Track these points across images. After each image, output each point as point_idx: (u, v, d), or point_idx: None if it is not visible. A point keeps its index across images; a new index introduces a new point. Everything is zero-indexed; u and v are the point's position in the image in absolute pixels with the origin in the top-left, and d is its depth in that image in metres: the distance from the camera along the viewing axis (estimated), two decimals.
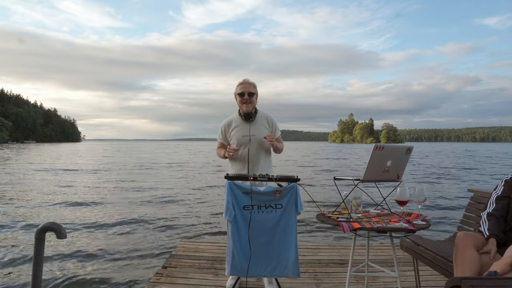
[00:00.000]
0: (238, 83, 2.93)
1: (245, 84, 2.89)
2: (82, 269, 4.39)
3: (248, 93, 2.85)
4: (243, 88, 2.86)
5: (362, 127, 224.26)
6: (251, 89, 2.88)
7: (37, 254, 1.46)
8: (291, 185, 2.55)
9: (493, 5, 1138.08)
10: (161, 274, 3.26)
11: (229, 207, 2.50)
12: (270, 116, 3.01)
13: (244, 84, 2.89)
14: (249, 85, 2.89)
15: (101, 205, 8.96)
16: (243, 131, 2.89)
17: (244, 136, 2.88)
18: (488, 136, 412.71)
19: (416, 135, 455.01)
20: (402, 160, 2.50)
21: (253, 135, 2.87)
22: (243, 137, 2.87)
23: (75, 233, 6.13)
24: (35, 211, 8.08)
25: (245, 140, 2.87)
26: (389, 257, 3.76)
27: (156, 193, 11.23)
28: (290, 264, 2.57)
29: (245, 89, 2.86)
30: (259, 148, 2.89)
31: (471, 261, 1.96)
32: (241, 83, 2.91)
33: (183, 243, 4.29)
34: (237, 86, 2.92)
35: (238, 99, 2.90)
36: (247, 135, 2.87)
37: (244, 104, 2.85)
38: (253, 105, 2.89)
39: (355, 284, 3.10)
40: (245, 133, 2.88)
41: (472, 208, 2.93)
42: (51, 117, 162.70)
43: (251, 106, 2.87)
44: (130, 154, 43.76)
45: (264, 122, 2.95)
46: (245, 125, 2.89)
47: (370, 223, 2.23)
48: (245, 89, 2.86)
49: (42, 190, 11.48)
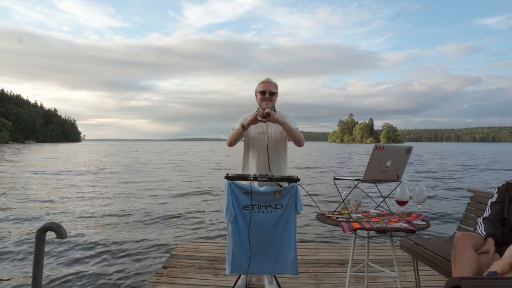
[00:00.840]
0: (261, 81, 2.94)
1: (268, 83, 2.91)
2: (82, 269, 4.39)
3: (269, 92, 2.88)
4: (265, 87, 2.89)
5: (362, 127, 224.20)
6: (272, 88, 2.90)
7: (37, 254, 1.46)
8: (291, 185, 2.55)
9: (493, 5, 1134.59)
10: (161, 274, 3.26)
11: (229, 207, 2.51)
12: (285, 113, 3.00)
13: (266, 83, 2.91)
14: (271, 85, 2.92)
15: (101, 205, 8.96)
16: (260, 128, 2.88)
17: (260, 133, 2.87)
18: (487, 136, 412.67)
19: (416, 135, 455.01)
20: (402, 160, 2.50)
21: (269, 133, 2.87)
22: (260, 134, 2.87)
23: (75, 233, 6.13)
24: (35, 212, 8.07)
25: (262, 137, 2.86)
26: (389, 257, 3.76)
27: (156, 193, 11.23)
28: (290, 262, 2.58)
29: (267, 87, 2.88)
30: (277, 146, 2.89)
31: (469, 261, 1.97)
32: (264, 82, 2.93)
33: (183, 243, 4.29)
34: (259, 84, 2.93)
35: (258, 96, 2.92)
36: (265, 132, 2.86)
37: (264, 101, 2.87)
38: (272, 104, 2.91)
39: (355, 284, 3.10)
40: (263, 131, 2.87)
41: (471, 208, 2.93)
42: (51, 117, 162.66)
43: (270, 104, 2.89)
44: (130, 154, 43.77)
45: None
46: (262, 123, 2.87)
47: (370, 223, 2.23)
48: (267, 87, 2.88)
49: (42, 190, 11.48)
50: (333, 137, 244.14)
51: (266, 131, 2.86)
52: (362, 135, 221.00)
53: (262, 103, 2.88)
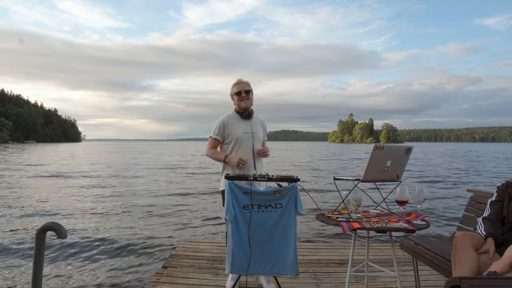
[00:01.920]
0: (233, 84, 3.05)
1: (240, 84, 3.02)
2: (82, 269, 4.39)
3: (244, 91, 2.98)
4: (239, 87, 2.99)
5: (362, 127, 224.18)
6: (246, 87, 3.00)
7: (37, 254, 1.46)
8: (291, 185, 2.55)
9: (493, 6, 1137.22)
10: (161, 274, 3.26)
11: (229, 207, 2.51)
12: (262, 119, 3.17)
13: (239, 84, 3.02)
14: (244, 84, 3.02)
15: (101, 206, 8.96)
16: (244, 128, 2.97)
17: (245, 132, 2.96)
18: (487, 136, 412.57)
19: (415, 135, 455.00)
20: (402, 160, 2.50)
21: (254, 132, 2.98)
22: (245, 134, 2.95)
23: (75, 233, 6.13)
24: (35, 212, 8.07)
25: (247, 136, 2.96)
26: (389, 257, 3.76)
27: (156, 193, 11.24)
28: (289, 263, 2.58)
29: (240, 87, 2.99)
30: (259, 146, 3.02)
31: (469, 261, 1.97)
32: (236, 83, 3.03)
33: (183, 243, 4.29)
34: (233, 87, 3.04)
35: (235, 98, 3.02)
36: (249, 132, 2.96)
37: (242, 101, 2.97)
38: (250, 102, 3.02)
39: (355, 284, 3.10)
40: (247, 130, 2.97)
41: (471, 208, 2.93)
42: (52, 117, 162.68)
43: (249, 102, 3.00)
44: (129, 154, 43.75)
45: (259, 122, 3.10)
46: (245, 122, 2.99)
47: (370, 223, 2.23)
48: (240, 87, 2.99)
49: (42, 190, 11.48)
50: (333, 137, 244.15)
51: (251, 130, 2.98)
52: (362, 135, 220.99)
53: (240, 103, 2.98)
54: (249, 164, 2.93)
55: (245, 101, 2.96)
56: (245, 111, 2.99)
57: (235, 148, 2.96)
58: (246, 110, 2.99)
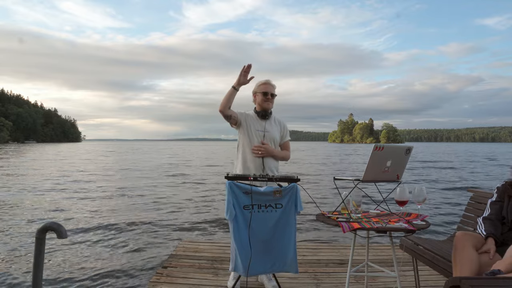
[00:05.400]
0: (261, 83, 3.01)
1: (269, 85, 2.99)
2: (82, 269, 4.39)
3: (271, 94, 2.98)
4: (267, 88, 2.97)
5: (362, 127, 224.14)
6: (273, 90, 3.00)
7: (37, 254, 1.46)
8: (291, 185, 2.55)
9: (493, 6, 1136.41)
10: (161, 274, 3.26)
11: (230, 207, 2.51)
12: (282, 120, 3.14)
13: (267, 85, 2.99)
14: (272, 87, 3.01)
15: (101, 206, 8.96)
16: (258, 126, 2.98)
17: (258, 130, 2.96)
18: (487, 136, 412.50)
19: (416, 135, 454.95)
20: (402, 160, 2.50)
21: (267, 132, 2.97)
22: (258, 131, 2.95)
23: (75, 233, 6.13)
24: (35, 211, 8.08)
25: (259, 134, 2.95)
26: (388, 257, 3.76)
27: (156, 193, 11.24)
28: (289, 260, 2.59)
29: (269, 89, 2.97)
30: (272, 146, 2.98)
31: (469, 261, 1.96)
32: (264, 83, 3.00)
33: (183, 243, 4.29)
34: (260, 85, 3.00)
35: (259, 97, 2.98)
36: (262, 130, 2.96)
37: (266, 102, 2.96)
38: (272, 105, 3.02)
39: (355, 284, 3.10)
40: (259, 128, 2.97)
41: (471, 208, 2.94)
42: (52, 117, 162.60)
43: (271, 105, 3.01)
44: (129, 154, 43.74)
45: (276, 123, 3.08)
46: (260, 121, 2.99)
47: (370, 223, 2.23)
48: (269, 89, 2.97)
49: (41, 192, 11.48)
50: (333, 137, 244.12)
51: (263, 129, 2.96)
52: (362, 135, 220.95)
53: (263, 103, 2.96)
54: (257, 163, 2.89)
55: (268, 102, 2.97)
56: (264, 111, 2.97)
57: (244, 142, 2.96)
58: (266, 112, 2.98)
